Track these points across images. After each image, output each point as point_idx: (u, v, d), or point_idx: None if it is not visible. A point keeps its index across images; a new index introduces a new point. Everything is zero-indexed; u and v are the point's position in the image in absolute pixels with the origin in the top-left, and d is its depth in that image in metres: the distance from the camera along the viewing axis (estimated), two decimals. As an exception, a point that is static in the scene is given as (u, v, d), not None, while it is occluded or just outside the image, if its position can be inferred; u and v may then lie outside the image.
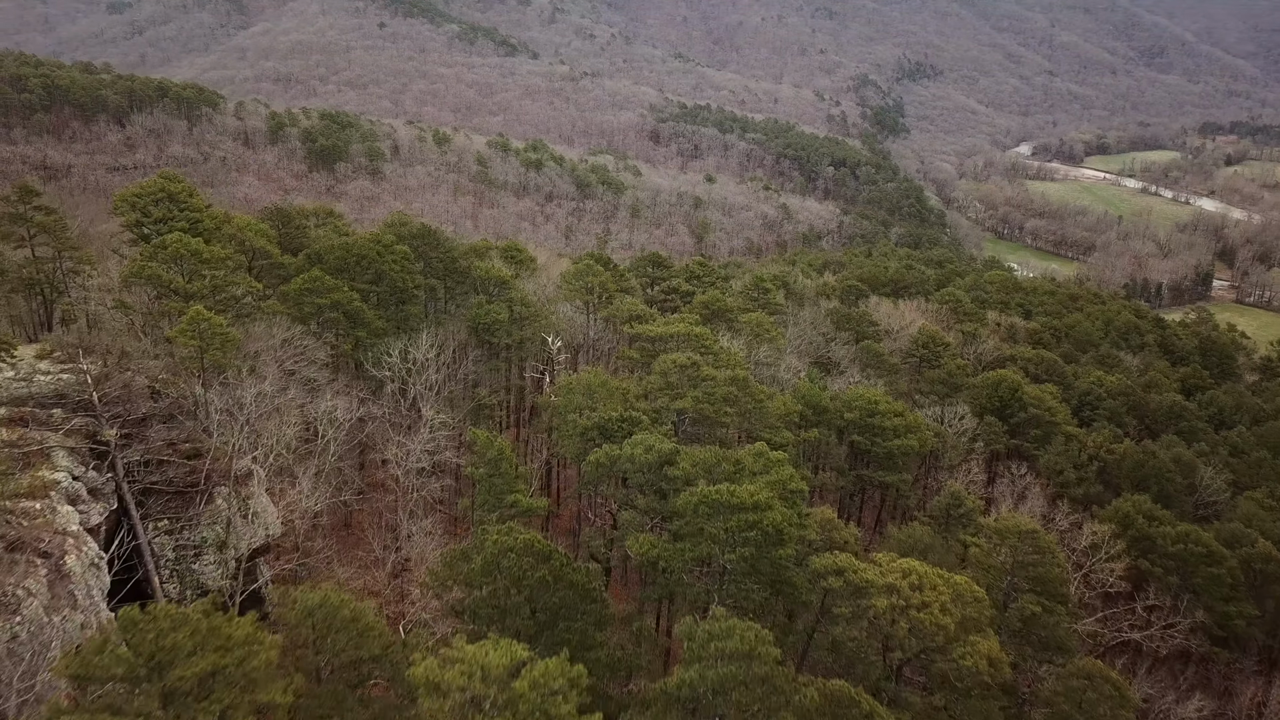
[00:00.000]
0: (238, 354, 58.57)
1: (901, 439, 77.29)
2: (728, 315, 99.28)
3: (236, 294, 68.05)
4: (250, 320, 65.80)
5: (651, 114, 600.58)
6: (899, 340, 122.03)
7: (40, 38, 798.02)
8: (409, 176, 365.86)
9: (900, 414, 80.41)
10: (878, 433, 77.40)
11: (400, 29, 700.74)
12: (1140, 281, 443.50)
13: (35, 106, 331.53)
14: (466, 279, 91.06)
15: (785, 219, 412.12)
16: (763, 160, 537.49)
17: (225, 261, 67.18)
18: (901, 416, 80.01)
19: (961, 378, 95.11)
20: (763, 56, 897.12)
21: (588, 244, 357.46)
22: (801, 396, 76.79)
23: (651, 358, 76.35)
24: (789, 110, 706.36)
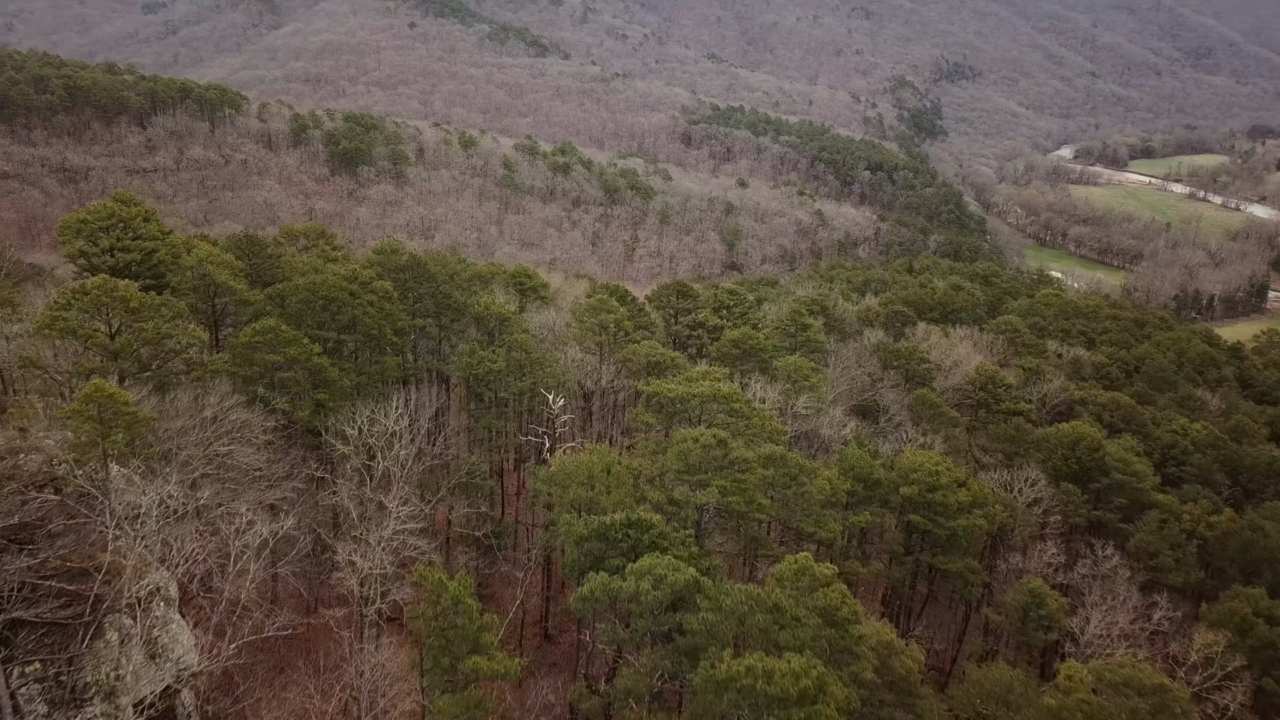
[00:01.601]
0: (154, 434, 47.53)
1: (967, 518, 64.98)
2: (761, 355, 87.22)
3: (177, 347, 57.24)
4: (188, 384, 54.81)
5: (683, 116, 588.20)
6: (952, 377, 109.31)
7: (76, 38, 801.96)
8: (433, 180, 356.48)
9: (964, 483, 68.10)
10: (939, 510, 65.12)
11: (430, 29, 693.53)
12: (1191, 293, 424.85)
13: (57, 108, 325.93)
14: (464, 315, 79.80)
15: (820, 225, 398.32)
16: (797, 164, 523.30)
17: (160, 309, 56.20)
18: (966, 488, 67.68)
19: (1031, 433, 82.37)
20: (797, 57, 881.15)
21: (615, 251, 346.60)
22: (849, 468, 64.58)
23: (671, 419, 64.57)
24: (824, 112, 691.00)
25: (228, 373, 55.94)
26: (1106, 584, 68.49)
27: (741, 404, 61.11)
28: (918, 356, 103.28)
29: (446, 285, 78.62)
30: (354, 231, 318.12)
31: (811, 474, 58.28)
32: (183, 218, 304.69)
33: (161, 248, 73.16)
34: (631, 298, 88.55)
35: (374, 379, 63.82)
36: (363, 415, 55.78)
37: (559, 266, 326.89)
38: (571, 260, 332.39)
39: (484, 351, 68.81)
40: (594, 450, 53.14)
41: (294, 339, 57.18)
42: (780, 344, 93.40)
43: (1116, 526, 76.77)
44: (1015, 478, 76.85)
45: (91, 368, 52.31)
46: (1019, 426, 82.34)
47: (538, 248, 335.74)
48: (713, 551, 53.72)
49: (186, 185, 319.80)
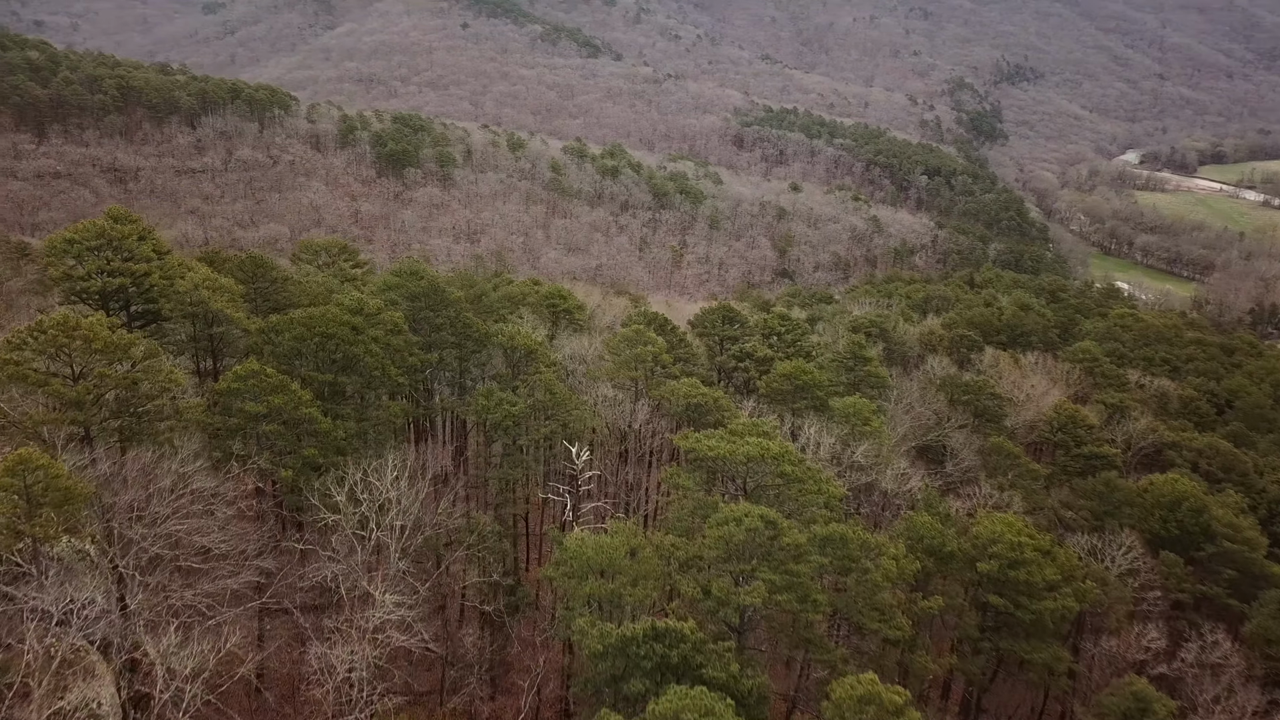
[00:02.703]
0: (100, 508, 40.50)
1: (1056, 598, 55.87)
2: (816, 392, 78.47)
3: (151, 391, 50.32)
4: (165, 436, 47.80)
5: (735, 118, 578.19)
6: (1024, 412, 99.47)
7: (139, 37, 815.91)
8: (480, 183, 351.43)
9: (1048, 551, 58.93)
10: (1023, 589, 56.05)
11: (483, 29, 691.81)
12: (1268, 307, 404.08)
13: (109, 107, 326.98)
14: (487, 345, 72.27)
15: (875, 232, 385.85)
16: (851, 167, 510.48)
17: (130, 349, 49.31)
18: (1051, 558, 58.55)
19: (1122, 489, 72.54)
20: (853, 58, 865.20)
21: (662, 257, 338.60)
22: (918, 538, 55.79)
23: (711, 478, 56.32)
24: (880, 115, 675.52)
25: (204, 425, 48.78)
26: (1217, 675, 58.86)
27: (794, 466, 52.58)
28: (987, 391, 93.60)
29: (468, 313, 71.13)
30: (399, 234, 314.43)
31: (875, 552, 49.61)
32: (228, 219, 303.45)
33: (156, 270, 66.70)
34: (671, 326, 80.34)
35: (377, 426, 56.44)
36: (355, 475, 48.35)
37: (604, 272, 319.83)
38: (617, 266, 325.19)
39: (502, 393, 61.10)
40: (616, 529, 45.02)
41: (281, 384, 49.91)
42: (837, 378, 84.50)
43: (1224, 601, 66.75)
44: (1106, 543, 67.20)
45: (43, 420, 45.54)
46: (1109, 481, 72.56)
47: (584, 253, 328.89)
48: (755, 650, 45.32)
49: (233, 186, 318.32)
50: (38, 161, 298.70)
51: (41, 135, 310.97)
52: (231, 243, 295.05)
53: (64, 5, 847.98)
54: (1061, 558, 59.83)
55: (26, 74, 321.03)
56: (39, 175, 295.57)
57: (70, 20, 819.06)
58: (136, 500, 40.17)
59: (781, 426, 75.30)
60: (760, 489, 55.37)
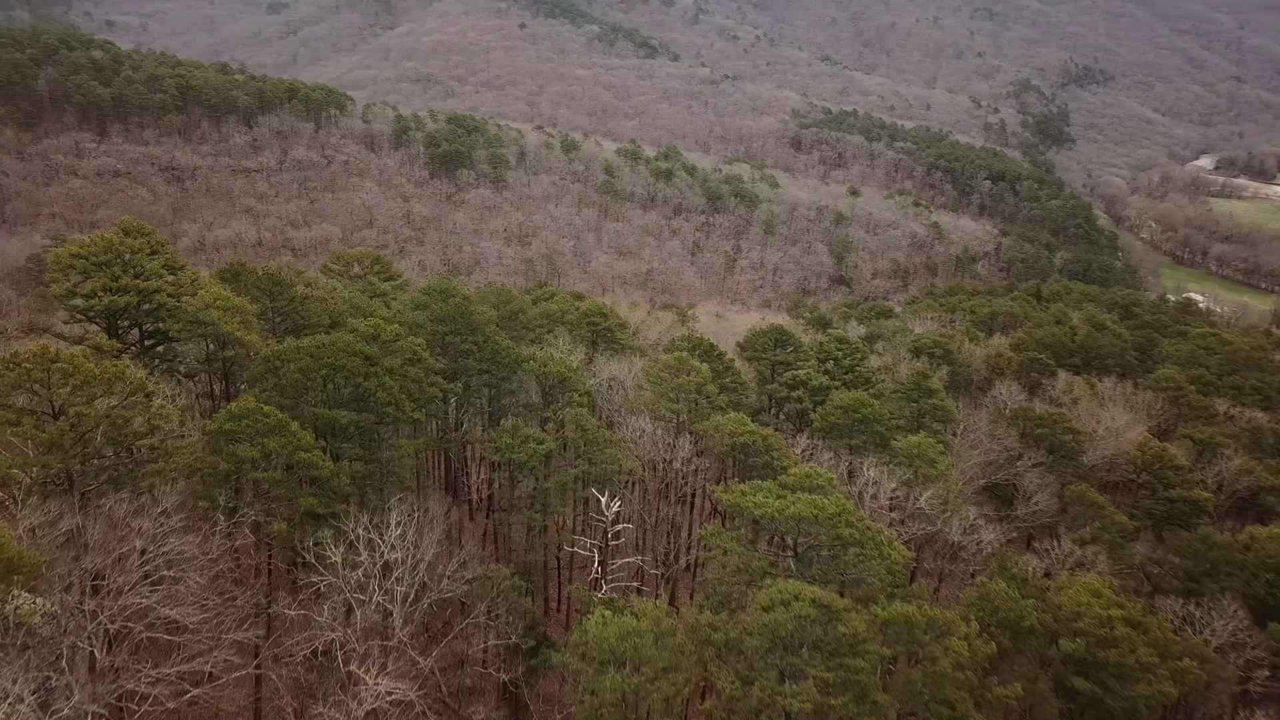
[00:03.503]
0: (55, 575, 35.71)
1: (1151, 682, 48.70)
2: (876, 427, 71.79)
3: (140, 429, 45.71)
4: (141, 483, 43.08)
5: (793, 120, 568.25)
6: (1103, 446, 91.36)
7: (205, 37, 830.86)
8: (533, 185, 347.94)
9: (1139, 623, 51.79)
10: (1113, 671, 49.02)
11: (540, 30, 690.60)
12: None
13: (169, 107, 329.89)
14: (517, 371, 66.91)
15: (936, 239, 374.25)
16: (912, 171, 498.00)
17: (117, 383, 44.71)
18: (1144, 631, 51.43)
19: (1221, 546, 64.68)
20: (915, 60, 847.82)
21: (715, 262, 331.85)
22: (991, 611, 49.02)
23: (756, 534, 50.18)
24: (942, 117, 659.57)
25: (191, 469, 43.95)
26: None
27: (851, 528, 46.16)
28: (1063, 425, 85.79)
29: (499, 336, 65.79)
30: (450, 236, 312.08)
31: (943, 632, 43.05)
32: (281, 218, 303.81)
33: (166, 287, 62.46)
34: (718, 352, 74.17)
35: (388, 467, 51.27)
36: (357, 528, 43.17)
37: (655, 277, 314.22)
38: (669, 271, 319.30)
39: (529, 429, 55.57)
40: (643, 608, 39.10)
41: (279, 424, 44.90)
42: (899, 410, 77.62)
43: (1341, 683, 58.73)
44: (1204, 610, 59.58)
45: (12, 465, 41.03)
46: (1206, 537, 64.78)
47: (635, 257, 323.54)
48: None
49: (287, 186, 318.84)
50: (98, 160, 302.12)
51: (103, 134, 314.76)
52: (284, 243, 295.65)
53: (134, 6, 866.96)
54: (1155, 631, 52.57)
55: (90, 73, 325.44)
56: (99, 173, 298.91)
57: (140, 20, 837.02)
58: (100, 566, 35.30)
59: (838, 465, 68.88)
60: (812, 550, 49.15)
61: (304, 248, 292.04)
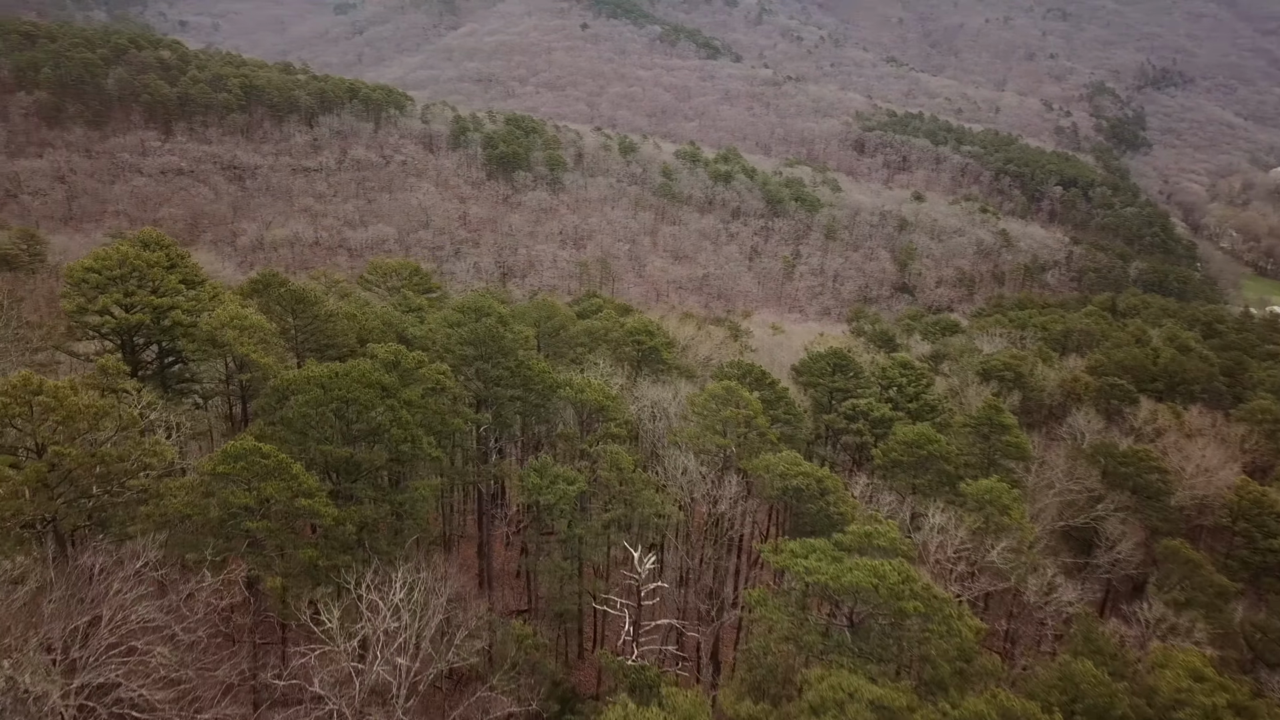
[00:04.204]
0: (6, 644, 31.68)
1: (1262, 785, 42.12)
2: (944, 465, 65.63)
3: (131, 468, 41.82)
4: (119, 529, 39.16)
5: (857, 122, 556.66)
6: (1191, 487, 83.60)
7: (273, 37, 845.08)
8: (589, 188, 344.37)
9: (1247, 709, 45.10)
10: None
11: (602, 30, 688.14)
12: None
13: (232, 106, 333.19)
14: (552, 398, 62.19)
15: (1004, 246, 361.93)
16: (979, 176, 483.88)
17: (104, 418, 40.88)
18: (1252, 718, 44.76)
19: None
20: (984, 61, 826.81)
21: (773, 268, 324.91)
22: (1076, 693, 42.82)
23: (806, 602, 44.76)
24: (1011, 121, 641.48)
25: (183, 516, 39.86)
26: None
27: (917, 600, 40.40)
28: (1149, 463, 78.36)
29: (535, 359, 61.06)
30: (505, 238, 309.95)
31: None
32: (339, 218, 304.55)
33: (183, 304, 58.88)
34: (769, 380, 68.50)
35: (401, 510, 46.77)
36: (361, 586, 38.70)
37: (711, 282, 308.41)
38: (725, 276, 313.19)
39: (558, 467, 50.71)
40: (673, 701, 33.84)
41: (279, 467, 40.64)
42: (968, 446, 71.20)
43: None
44: (1318, 691, 52.42)
45: (-17, 509, 37.30)
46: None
47: (691, 261, 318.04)
48: None
49: (345, 185, 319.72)
50: (162, 158, 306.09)
51: (168, 133, 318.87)
52: (340, 243, 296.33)
53: (207, 6, 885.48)
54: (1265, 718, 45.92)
55: (158, 73, 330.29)
56: (163, 171, 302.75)
57: (211, 21, 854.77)
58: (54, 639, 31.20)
59: (900, 509, 62.90)
60: (871, 618, 43.49)
61: (360, 248, 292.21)
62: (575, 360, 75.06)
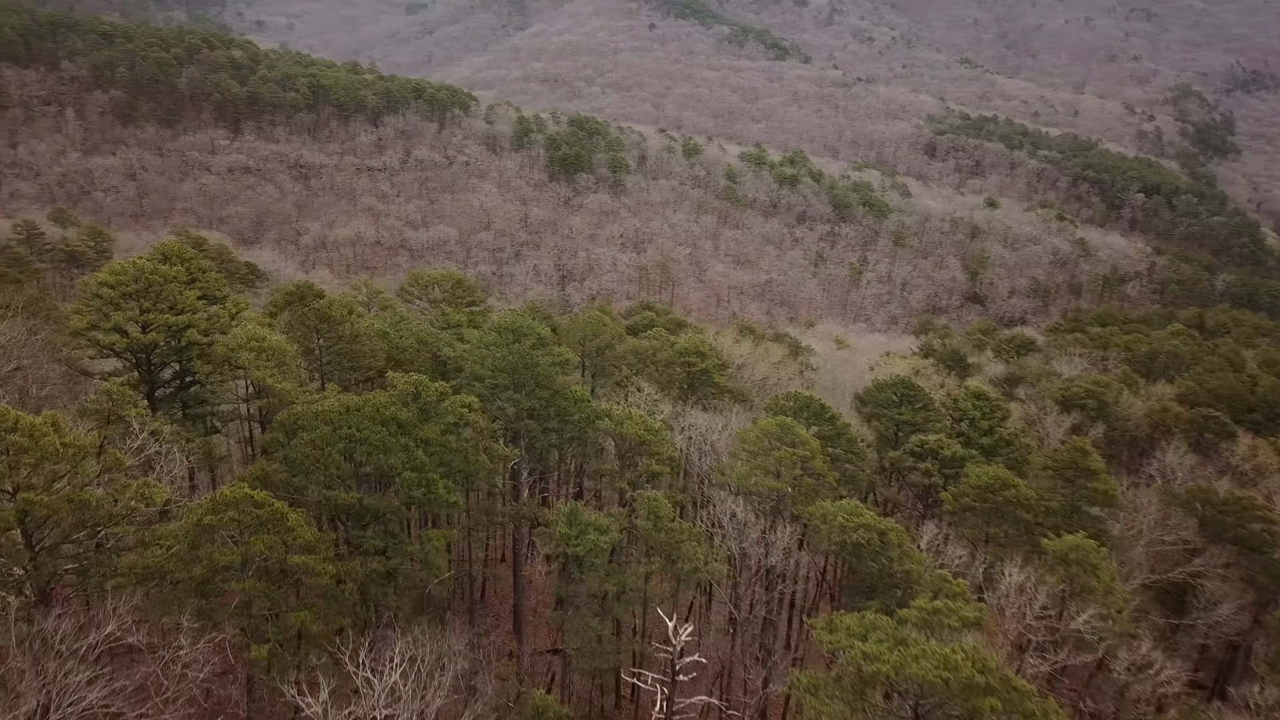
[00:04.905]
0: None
1: None
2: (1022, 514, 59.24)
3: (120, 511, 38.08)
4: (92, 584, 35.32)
5: (928, 125, 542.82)
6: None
7: (346, 37, 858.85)
8: (651, 191, 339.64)
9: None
10: None
11: (670, 30, 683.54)
12: None
13: (300, 105, 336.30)
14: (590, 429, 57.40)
15: (1081, 256, 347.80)
16: (1056, 182, 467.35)
17: (81, 459, 37.13)
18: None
19: None
20: (1063, 63, 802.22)
21: (839, 275, 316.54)
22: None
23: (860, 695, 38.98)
24: (1091, 125, 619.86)
25: (164, 573, 35.87)
26: None
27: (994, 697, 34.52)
28: (1252, 512, 70.59)
29: (570, 389, 56.27)
30: (565, 241, 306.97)
31: None
32: (401, 218, 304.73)
33: (200, 322, 55.39)
34: (829, 414, 62.71)
35: (413, 564, 42.32)
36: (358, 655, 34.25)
37: (774, 289, 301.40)
38: (789, 282, 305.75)
39: (590, 514, 45.82)
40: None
41: (273, 518, 36.44)
42: (1049, 490, 64.49)
43: None
44: None
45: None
46: None
47: (753, 266, 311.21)
48: None
49: (409, 185, 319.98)
50: (230, 157, 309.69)
51: (237, 131, 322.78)
52: (402, 243, 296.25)
53: (282, 6, 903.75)
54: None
55: (229, 72, 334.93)
56: (230, 170, 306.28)
57: (286, 20, 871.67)
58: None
59: (972, 564, 56.71)
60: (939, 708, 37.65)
61: (421, 249, 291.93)
62: (620, 383, 70.20)
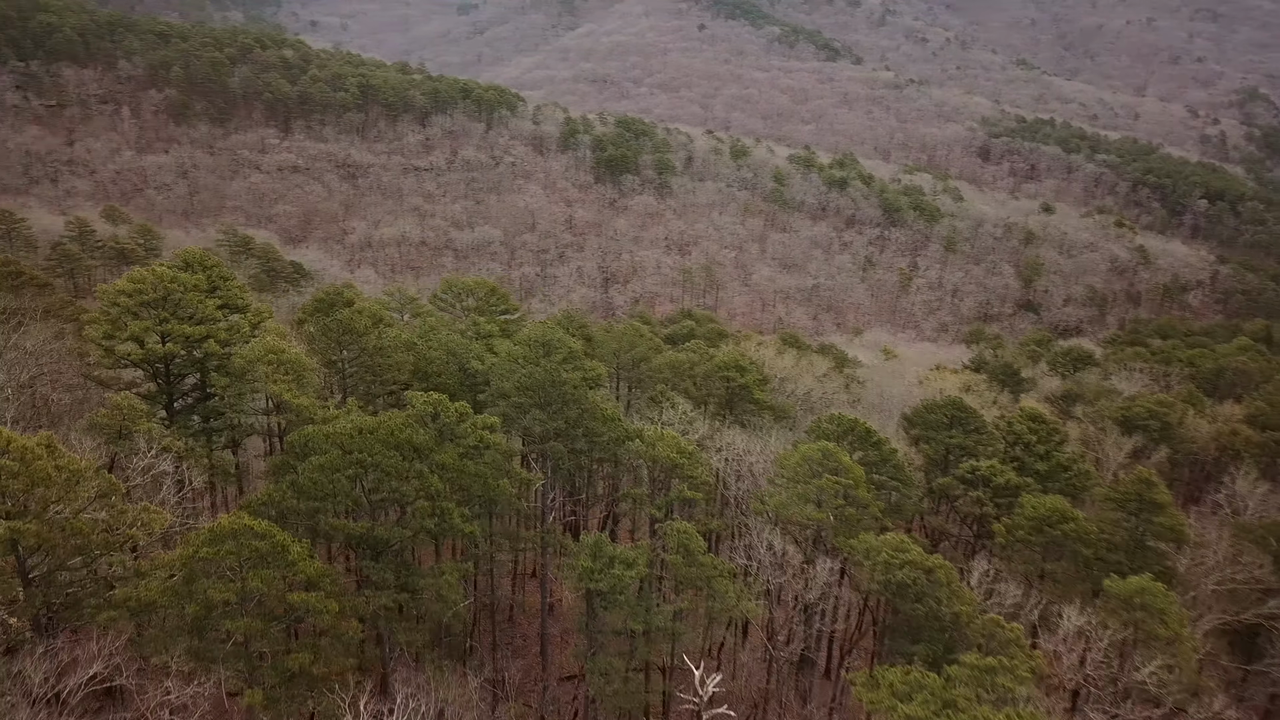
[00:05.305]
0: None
1: None
2: (1079, 549, 55.28)
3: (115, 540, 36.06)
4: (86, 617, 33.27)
5: (982, 127, 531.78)
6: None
7: (398, 37, 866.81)
8: (697, 193, 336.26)
9: None
10: None
11: (719, 31, 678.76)
12: None
13: (349, 105, 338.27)
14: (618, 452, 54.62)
15: (1140, 264, 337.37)
16: (1114, 187, 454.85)
17: (77, 486, 35.16)
18: None
19: None
20: (1123, 65, 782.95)
21: (888, 280, 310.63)
22: None
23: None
24: (1151, 128, 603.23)
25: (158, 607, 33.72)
26: None
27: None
28: (1332, 548, 65.62)
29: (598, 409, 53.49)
30: (610, 243, 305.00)
31: None
32: (446, 219, 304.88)
33: (219, 333, 53.54)
34: (874, 439, 59.06)
35: (425, 599, 39.81)
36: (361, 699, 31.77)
37: (820, 293, 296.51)
38: (836, 287, 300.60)
39: (614, 547, 42.98)
40: None
41: (273, 551, 34.14)
42: (1111, 523, 60.25)
43: None
44: None
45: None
46: None
47: (800, 270, 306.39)
48: None
49: (454, 186, 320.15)
50: (280, 155, 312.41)
51: (287, 130, 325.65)
52: (446, 243, 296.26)
53: (337, 6, 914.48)
54: None
55: (280, 72, 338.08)
56: (279, 169, 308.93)
57: (340, 20, 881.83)
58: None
59: (1026, 605, 52.91)
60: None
61: (465, 249, 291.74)
62: (655, 399, 67.28)
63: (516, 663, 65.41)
